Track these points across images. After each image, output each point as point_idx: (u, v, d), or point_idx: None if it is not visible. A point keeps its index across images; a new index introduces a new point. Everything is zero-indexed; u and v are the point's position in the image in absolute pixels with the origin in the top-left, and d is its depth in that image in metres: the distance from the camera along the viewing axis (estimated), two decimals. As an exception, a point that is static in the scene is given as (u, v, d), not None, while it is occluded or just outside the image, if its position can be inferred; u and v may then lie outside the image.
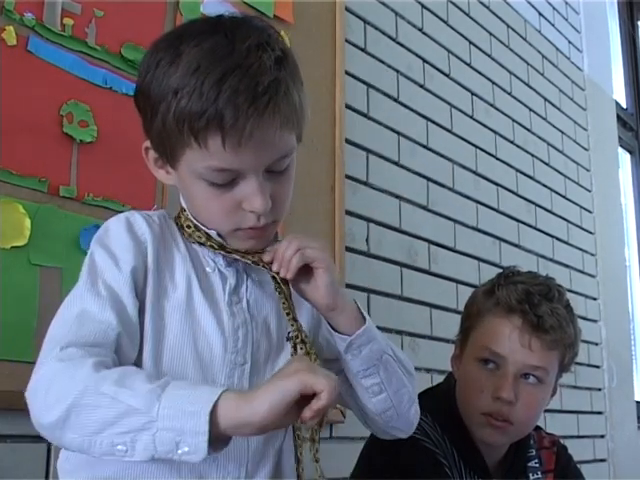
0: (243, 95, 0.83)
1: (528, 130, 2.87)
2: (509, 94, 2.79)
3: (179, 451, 0.74)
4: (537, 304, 1.32)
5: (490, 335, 1.34)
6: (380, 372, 0.96)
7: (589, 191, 3.28)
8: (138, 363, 0.87)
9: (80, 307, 0.85)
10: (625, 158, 4.09)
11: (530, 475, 1.41)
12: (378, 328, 0.99)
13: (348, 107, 1.99)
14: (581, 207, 3.18)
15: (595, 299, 3.15)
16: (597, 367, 3.08)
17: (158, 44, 0.91)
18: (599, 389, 3.07)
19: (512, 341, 1.31)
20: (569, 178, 3.12)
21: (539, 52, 3.04)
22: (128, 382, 0.76)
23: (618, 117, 3.76)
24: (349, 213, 1.94)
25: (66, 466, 0.91)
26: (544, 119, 3.00)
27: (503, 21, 2.81)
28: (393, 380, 0.98)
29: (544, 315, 1.31)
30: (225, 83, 0.83)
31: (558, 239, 2.96)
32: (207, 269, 0.94)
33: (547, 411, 1.42)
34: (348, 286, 1.89)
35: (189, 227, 0.95)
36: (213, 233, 0.93)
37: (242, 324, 0.93)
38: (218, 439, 0.76)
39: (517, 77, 2.85)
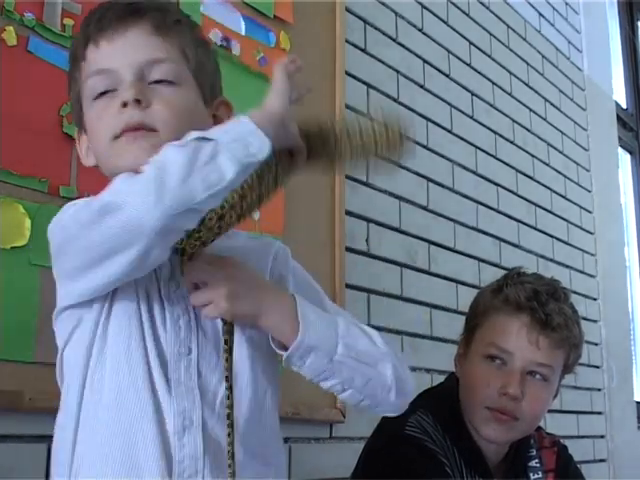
0: (112, 6, 0.94)
1: (528, 130, 2.87)
2: (509, 94, 2.78)
3: (252, 151, 0.80)
4: (545, 302, 1.33)
5: (498, 332, 1.35)
6: (336, 374, 0.91)
7: (589, 191, 3.27)
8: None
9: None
10: (625, 158, 4.09)
11: (531, 475, 1.42)
12: (378, 328, 0.98)
13: (348, 107, 1.99)
14: (581, 207, 3.18)
15: (595, 299, 3.15)
16: (597, 367, 3.08)
17: None
18: (599, 389, 3.07)
19: (520, 338, 1.32)
20: (569, 178, 3.12)
21: (539, 52, 3.03)
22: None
23: (618, 117, 3.76)
24: (349, 213, 1.94)
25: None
26: (544, 119, 3.00)
27: (503, 21, 2.81)
28: (355, 377, 0.92)
29: (552, 313, 1.32)
30: (98, 8, 0.95)
31: (558, 239, 2.96)
32: None
33: (547, 411, 1.42)
34: (348, 286, 1.89)
35: None
36: None
37: (183, 312, 0.91)
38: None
39: (517, 77, 2.85)
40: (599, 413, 3.05)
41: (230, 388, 0.88)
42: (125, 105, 0.89)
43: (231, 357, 0.89)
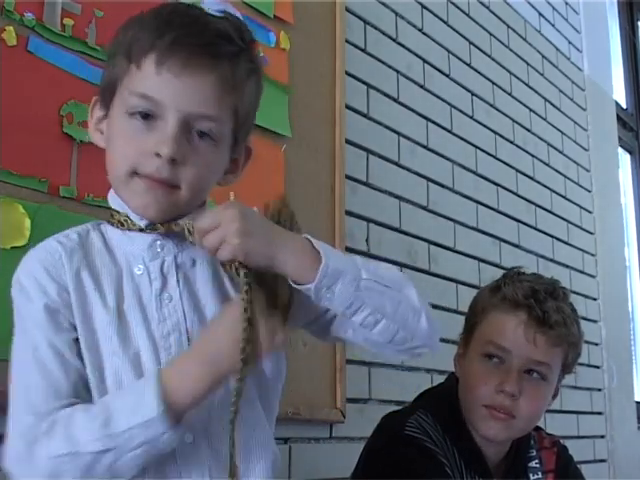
0: (189, 32, 0.88)
1: (528, 130, 2.87)
2: (509, 94, 2.78)
3: (159, 450, 0.82)
4: (543, 300, 1.33)
5: (495, 329, 1.35)
6: (366, 301, 0.88)
7: (589, 191, 3.27)
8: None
9: (27, 379, 0.85)
10: (625, 158, 4.09)
11: (530, 475, 1.41)
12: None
13: (348, 107, 1.99)
14: (581, 207, 3.18)
15: (595, 299, 3.15)
16: (597, 367, 3.08)
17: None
18: (599, 389, 3.07)
19: (517, 335, 1.32)
20: (569, 178, 3.12)
21: (539, 52, 3.03)
22: (75, 433, 0.80)
23: (618, 117, 3.76)
24: (349, 213, 1.94)
25: None
26: (544, 119, 3.00)
27: (503, 21, 2.81)
28: (385, 302, 0.89)
29: (549, 311, 1.32)
30: (166, 10, 0.91)
31: (558, 239, 2.96)
32: (135, 271, 0.91)
33: (547, 411, 1.42)
34: (348, 286, 1.89)
35: (114, 214, 0.94)
36: (134, 216, 0.92)
37: (173, 329, 0.90)
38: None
39: (517, 77, 2.85)
40: (599, 413, 3.05)
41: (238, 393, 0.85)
42: (159, 155, 0.87)
43: (250, 327, 0.82)
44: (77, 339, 0.87)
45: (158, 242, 0.92)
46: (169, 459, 0.85)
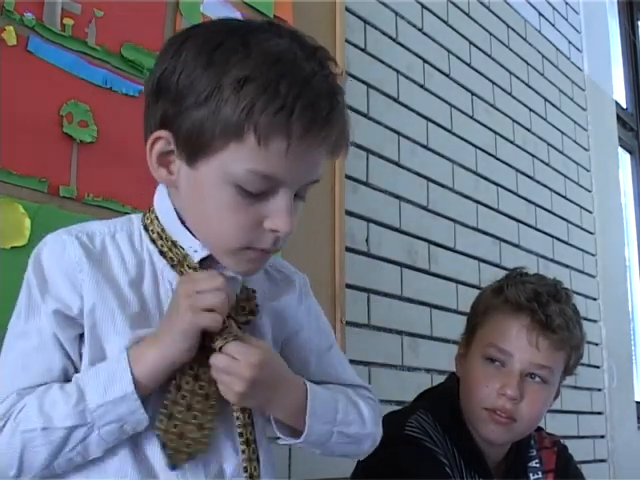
0: (320, 107, 0.81)
1: (528, 130, 2.87)
2: (509, 94, 2.78)
3: (127, 431, 0.83)
4: (546, 303, 1.32)
5: (497, 332, 1.34)
6: (328, 447, 0.97)
7: (589, 191, 3.27)
8: None
9: (20, 349, 0.86)
10: (625, 158, 4.09)
11: (531, 475, 1.41)
12: (378, 328, 0.98)
13: (348, 107, 1.98)
14: (581, 207, 3.18)
15: (595, 299, 3.15)
16: (597, 367, 3.08)
17: (192, 32, 0.86)
18: (599, 389, 3.07)
19: (519, 339, 1.31)
20: (569, 178, 3.12)
21: (539, 52, 3.03)
22: (49, 409, 0.82)
23: (618, 117, 3.76)
24: (349, 213, 1.94)
25: None
26: (544, 119, 3.00)
27: (503, 21, 2.81)
28: (335, 451, 0.99)
29: (552, 314, 1.31)
30: (308, 87, 0.80)
31: (558, 239, 2.96)
32: (161, 291, 0.89)
33: (547, 411, 1.42)
34: (348, 286, 1.89)
35: (155, 234, 0.91)
36: (189, 249, 0.88)
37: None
38: (148, 389, 0.84)
39: (517, 77, 2.85)
40: (599, 413, 3.05)
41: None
42: (275, 232, 0.85)
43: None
44: (81, 336, 0.88)
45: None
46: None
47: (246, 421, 0.89)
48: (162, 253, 0.90)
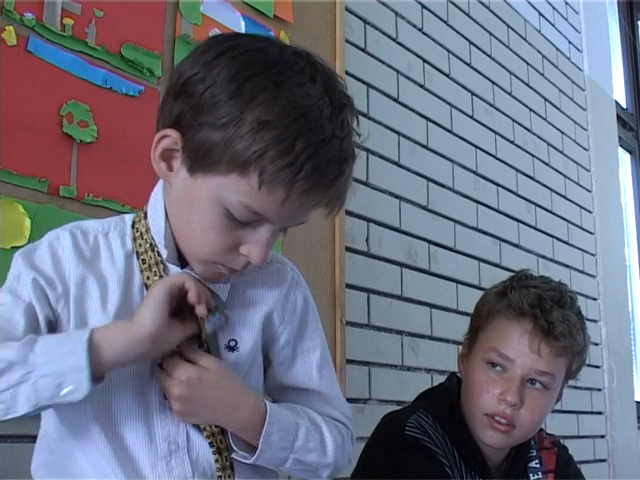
0: (327, 173, 0.83)
1: (528, 130, 2.87)
2: (509, 94, 2.79)
3: (62, 392, 0.80)
4: (549, 310, 1.30)
5: (499, 337, 1.33)
6: (276, 470, 0.96)
7: (589, 191, 3.28)
8: None
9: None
10: (625, 158, 4.10)
11: (531, 475, 1.41)
12: (378, 328, 0.98)
13: (348, 107, 1.98)
14: (581, 207, 3.18)
15: (595, 299, 3.15)
16: (597, 367, 3.08)
17: (232, 48, 0.85)
18: (599, 389, 3.07)
19: (521, 345, 1.30)
20: (569, 178, 3.12)
21: (539, 52, 3.04)
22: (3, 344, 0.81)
23: (618, 117, 3.76)
24: (349, 213, 1.94)
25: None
26: (544, 119, 3.00)
27: (503, 21, 2.81)
28: (292, 474, 0.97)
29: (555, 321, 1.29)
30: (322, 150, 0.82)
31: (558, 239, 2.96)
32: (136, 289, 0.91)
33: (547, 411, 1.42)
34: (348, 286, 1.89)
35: (138, 233, 0.93)
36: (165, 253, 0.91)
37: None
38: (102, 372, 0.82)
39: (517, 77, 2.85)
40: (599, 413, 3.05)
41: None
42: (247, 257, 0.88)
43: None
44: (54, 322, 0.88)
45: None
46: None
47: (214, 430, 0.90)
48: (138, 254, 0.92)
